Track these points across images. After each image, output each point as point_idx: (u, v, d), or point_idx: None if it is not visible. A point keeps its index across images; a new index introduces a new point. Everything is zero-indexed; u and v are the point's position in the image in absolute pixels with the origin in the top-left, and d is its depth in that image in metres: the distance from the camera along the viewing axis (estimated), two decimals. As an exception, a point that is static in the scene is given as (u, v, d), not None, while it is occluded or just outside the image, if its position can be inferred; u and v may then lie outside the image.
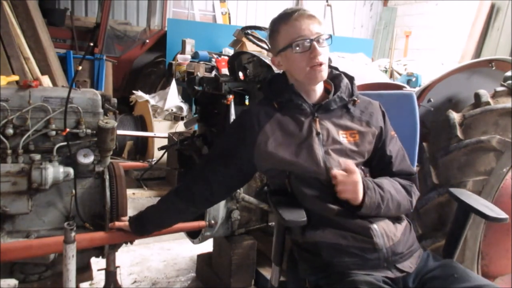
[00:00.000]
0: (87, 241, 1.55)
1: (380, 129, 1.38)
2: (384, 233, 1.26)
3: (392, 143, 1.40)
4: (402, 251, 1.27)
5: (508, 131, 1.77)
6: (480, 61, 2.31)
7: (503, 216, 1.32)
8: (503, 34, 6.64)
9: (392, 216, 1.32)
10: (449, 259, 1.37)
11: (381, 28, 9.12)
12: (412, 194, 1.37)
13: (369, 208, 1.25)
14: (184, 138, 2.14)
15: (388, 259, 1.24)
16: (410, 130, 1.56)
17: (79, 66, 1.63)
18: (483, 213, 1.33)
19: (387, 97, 1.69)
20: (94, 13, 6.47)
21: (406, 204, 1.34)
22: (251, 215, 2.06)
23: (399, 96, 1.62)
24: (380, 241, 1.24)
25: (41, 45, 3.97)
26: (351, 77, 1.43)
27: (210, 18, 7.45)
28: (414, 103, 1.55)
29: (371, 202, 1.25)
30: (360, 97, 1.42)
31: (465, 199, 1.40)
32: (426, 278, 1.26)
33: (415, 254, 1.32)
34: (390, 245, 1.25)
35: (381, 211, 1.27)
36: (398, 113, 1.56)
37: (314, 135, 1.30)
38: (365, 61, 5.84)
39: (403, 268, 1.25)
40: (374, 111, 1.40)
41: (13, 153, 1.52)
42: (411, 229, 1.38)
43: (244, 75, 2.13)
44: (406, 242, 1.30)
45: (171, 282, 2.40)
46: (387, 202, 1.28)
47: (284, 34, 1.31)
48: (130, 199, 3.56)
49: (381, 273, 1.22)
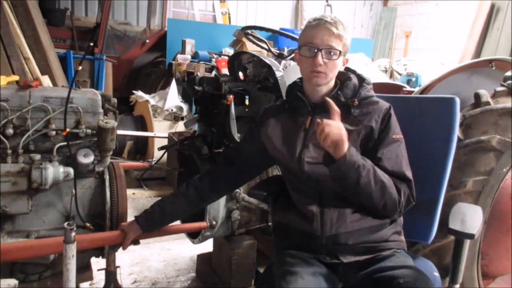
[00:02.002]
0: (87, 241, 1.54)
1: (370, 129, 1.36)
2: (329, 221, 1.33)
3: (390, 146, 1.36)
4: (347, 242, 1.32)
5: (508, 131, 1.77)
6: (480, 61, 2.31)
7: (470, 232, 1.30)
8: (503, 34, 6.64)
9: (376, 198, 1.29)
10: (417, 269, 1.28)
11: (381, 28, 9.12)
12: (401, 192, 1.32)
13: (348, 163, 1.23)
14: (184, 138, 2.14)
15: (328, 246, 1.33)
16: (447, 135, 1.47)
17: (79, 66, 1.63)
18: (453, 230, 1.31)
19: (425, 100, 1.65)
20: (94, 13, 6.47)
21: (393, 193, 1.30)
22: (251, 215, 2.06)
23: (440, 100, 1.56)
24: (319, 228, 1.34)
25: (41, 45, 3.97)
26: (363, 79, 1.45)
27: (210, 18, 7.46)
28: (455, 108, 1.47)
29: (351, 159, 1.23)
30: (370, 99, 1.42)
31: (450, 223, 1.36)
32: (376, 276, 1.24)
33: (372, 252, 1.32)
34: (332, 234, 1.32)
35: (361, 179, 1.25)
36: (436, 117, 1.51)
37: (301, 131, 1.42)
38: (365, 61, 5.84)
39: (344, 258, 1.32)
40: (372, 111, 1.39)
41: (13, 153, 1.52)
42: (387, 230, 1.36)
43: (244, 75, 2.13)
44: (359, 236, 1.32)
45: (171, 282, 2.40)
46: (368, 172, 1.26)
47: (304, 35, 1.41)
48: (130, 199, 3.56)
49: (318, 256, 1.33)
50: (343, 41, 1.36)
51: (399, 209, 1.33)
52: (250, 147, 1.58)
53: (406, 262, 1.31)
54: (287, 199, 1.50)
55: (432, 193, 1.49)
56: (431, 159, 1.46)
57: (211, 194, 1.63)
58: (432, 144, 1.49)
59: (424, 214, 1.51)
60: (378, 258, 1.31)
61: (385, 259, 1.30)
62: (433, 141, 1.49)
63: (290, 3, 8.36)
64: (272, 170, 2.02)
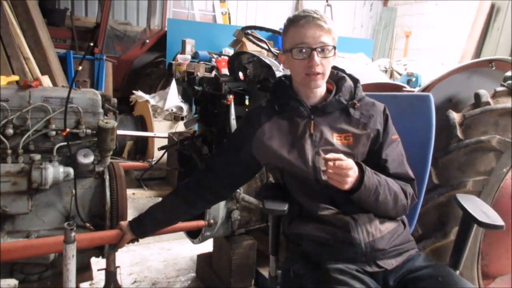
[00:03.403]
0: (87, 241, 1.54)
1: (377, 132, 1.36)
2: (365, 228, 1.28)
3: (391, 147, 1.37)
4: (384, 247, 1.28)
5: (508, 131, 1.77)
6: (480, 61, 2.30)
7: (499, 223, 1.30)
8: (503, 34, 6.64)
9: (390, 209, 1.30)
10: (441, 263, 1.34)
11: (381, 28, 9.12)
12: (407, 194, 1.34)
13: (368, 190, 1.23)
14: (184, 138, 2.14)
15: (367, 254, 1.26)
16: (425, 133, 1.50)
17: (79, 66, 1.63)
18: (481, 222, 1.32)
19: (402, 98, 1.66)
20: (94, 13, 6.47)
21: (403, 199, 1.32)
22: (251, 215, 2.06)
23: (415, 98, 1.57)
24: (359, 236, 1.27)
25: (41, 45, 3.97)
26: (356, 80, 1.43)
27: (210, 18, 7.46)
28: (431, 105, 1.49)
29: (369, 183, 1.23)
30: (365, 99, 1.41)
31: (469, 208, 1.37)
32: (409, 277, 1.25)
33: (404, 254, 1.31)
34: (370, 240, 1.27)
35: (380, 197, 1.25)
36: (413, 116, 1.53)
37: (307, 136, 1.33)
38: (365, 61, 5.85)
39: (383, 264, 1.27)
40: (374, 114, 1.38)
41: (13, 153, 1.52)
42: (405, 230, 1.38)
43: (244, 75, 2.13)
44: (391, 240, 1.31)
45: (171, 282, 2.40)
46: (384, 188, 1.26)
47: (290, 36, 1.32)
48: (130, 199, 3.56)
49: (358, 266, 1.25)
50: (332, 35, 1.30)
51: (406, 210, 1.36)
52: (237, 159, 1.45)
53: (432, 260, 1.33)
54: (300, 208, 1.37)
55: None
56: (412, 156, 1.46)
57: (199, 203, 1.56)
58: (411, 141, 1.50)
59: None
60: (409, 259, 1.31)
61: (414, 259, 1.31)
62: (412, 138, 1.49)
63: (290, 3, 8.36)
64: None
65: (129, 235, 1.57)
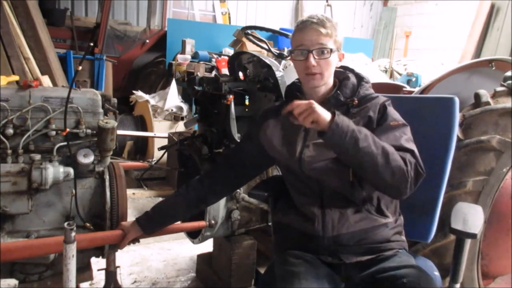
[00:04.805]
0: (87, 241, 1.54)
1: (368, 118, 1.35)
2: (331, 222, 1.34)
3: (387, 133, 1.31)
4: (348, 243, 1.32)
5: (508, 131, 1.77)
6: (480, 61, 2.31)
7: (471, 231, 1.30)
8: (503, 34, 6.64)
9: (381, 165, 1.20)
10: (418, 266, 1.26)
11: (381, 28, 9.12)
12: (407, 161, 1.23)
13: (341, 129, 1.18)
14: (184, 138, 2.14)
15: (330, 247, 1.34)
16: (446, 135, 1.49)
17: (79, 66, 1.63)
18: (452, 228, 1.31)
19: (425, 100, 1.66)
20: (94, 13, 6.47)
21: (398, 160, 1.21)
22: (251, 215, 2.06)
23: (439, 100, 1.56)
24: (322, 230, 1.34)
25: (41, 45, 3.97)
26: (361, 78, 1.45)
27: (210, 18, 7.45)
28: (455, 108, 1.48)
29: (342, 122, 1.19)
30: (370, 97, 1.41)
31: (454, 215, 1.38)
32: (378, 277, 1.23)
33: (376, 253, 1.31)
34: (333, 235, 1.33)
35: (360, 143, 1.19)
36: (436, 118, 1.53)
37: (301, 130, 1.42)
38: (365, 61, 5.84)
39: (343, 258, 1.33)
40: (370, 105, 1.38)
41: (13, 153, 1.52)
42: (391, 230, 1.35)
43: (244, 75, 2.12)
44: (362, 238, 1.32)
45: (171, 282, 2.40)
46: (366, 137, 1.21)
47: (293, 39, 1.42)
48: (130, 199, 3.56)
49: (320, 257, 1.34)
50: (333, 38, 1.36)
51: (409, 180, 1.22)
52: (249, 148, 1.57)
53: (408, 261, 1.31)
54: (288, 200, 1.50)
55: (431, 193, 1.51)
56: (431, 159, 1.45)
57: (211, 196, 1.63)
58: (431, 144, 1.49)
59: (424, 214, 1.52)
60: (380, 258, 1.31)
61: (387, 259, 1.30)
62: (432, 141, 1.50)
63: (290, 3, 8.36)
64: (272, 170, 2.02)
65: (131, 234, 1.57)
